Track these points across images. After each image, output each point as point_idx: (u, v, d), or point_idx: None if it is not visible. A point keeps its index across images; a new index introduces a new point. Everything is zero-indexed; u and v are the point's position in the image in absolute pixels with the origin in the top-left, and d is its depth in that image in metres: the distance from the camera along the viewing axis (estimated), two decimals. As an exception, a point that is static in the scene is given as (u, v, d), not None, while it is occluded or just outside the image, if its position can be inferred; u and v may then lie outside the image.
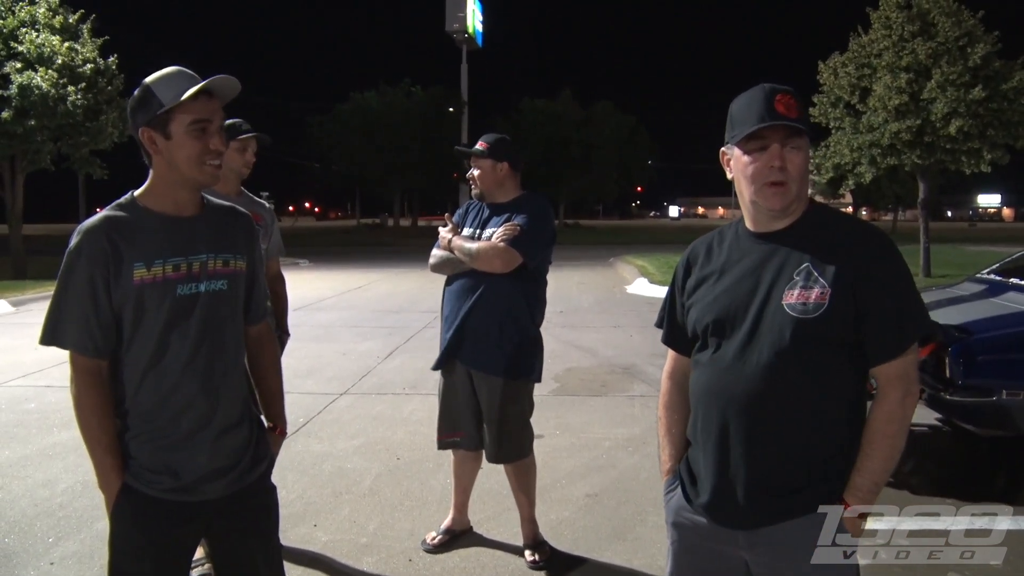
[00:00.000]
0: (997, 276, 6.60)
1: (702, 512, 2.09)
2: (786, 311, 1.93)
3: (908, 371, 1.94)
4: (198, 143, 2.11)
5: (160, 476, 2.14)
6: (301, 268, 24.90)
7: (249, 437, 2.32)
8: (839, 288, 1.90)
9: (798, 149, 1.95)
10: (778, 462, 1.97)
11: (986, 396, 4.82)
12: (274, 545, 2.44)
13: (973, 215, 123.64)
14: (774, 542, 1.98)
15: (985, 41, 18.84)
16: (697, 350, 2.16)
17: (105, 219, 2.11)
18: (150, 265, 2.09)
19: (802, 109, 1.96)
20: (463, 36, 51.87)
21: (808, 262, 1.95)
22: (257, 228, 4.03)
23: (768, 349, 1.95)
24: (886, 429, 1.93)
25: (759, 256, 2.04)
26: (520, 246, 3.77)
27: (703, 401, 2.09)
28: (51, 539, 4.30)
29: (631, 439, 6.16)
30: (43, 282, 17.95)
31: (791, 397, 1.94)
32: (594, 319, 12.86)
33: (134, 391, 2.13)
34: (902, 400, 1.93)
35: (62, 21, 19.92)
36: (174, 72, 2.13)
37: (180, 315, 2.13)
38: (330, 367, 9.09)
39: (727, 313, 2.04)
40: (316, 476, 5.35)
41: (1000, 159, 19.36)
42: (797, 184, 1.97)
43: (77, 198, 45.33)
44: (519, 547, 4.13)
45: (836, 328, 1.91)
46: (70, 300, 2.08)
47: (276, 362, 2.62)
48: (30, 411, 7.06)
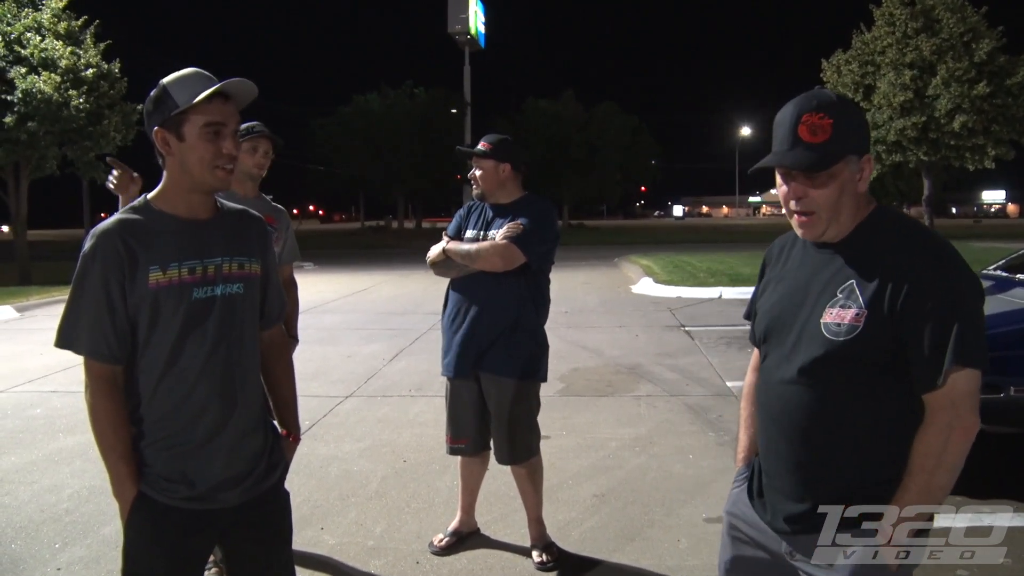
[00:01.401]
0: (1004, 272, 6.57)
1: (759, 509, 2.10)
2: (822, 330, 1.88)
3: (956, 402, 1.79)
4: (211, 146, 2.09)
5: (176, 485, 2.11)
6: (306, 271, 24.90)
7: (264, 444, 2.30)
8: (876, 310, 1.81)
9: (829, 180, 1.85)
10: (809, 476, 1.95)
11: (994, 393, 4.80)
12: (288, 553, 2.43)
13: (978, 211, 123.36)
14: (811, 551, 1.96)
15: (990, 37, 18.85)
16: (758, 349, 2.16)
17: (119, 222, 2.09)
18: (165, 268, 2.07)
19: (841, 125, 1.83)
20: (465, 37, 51.85)
21: (853, 279, 1.87)
22: (271, 231, 4.03)
23: (805, 367, 1.91)
24: (924, 462, 1.82)
25: (813, 267, 1.99)
26: (522, 244, 3.76)
27: (757, 407, 2.11)
28: (57, 544, 4.29)
29: (638, 439, 6.14)
30: (48, 288, 17.99)
31: (822, 415, 1.91)
32: (599, 319, 12.84)
33: (149, 397, 2.11)
34: (945, 432, 1.80)
35: (67, 27, 19.98)
36: (191, 73, 2.11)
37: (196, 319, 2.11)
38: (336, 370, 9.08)
39: (777, 323, 2.03)
40: (323, 479, 5.34)
41: (1005, 155, 19.37)
42: (828, 212, 1.88)
43: (81, 203, 45.39)
44: (526, 548, 4.12)
45: (870, 352, 1.83)
46: (85, 304, 2.06)
47: (289, 368, 2.60)
48: (36, 416, 7.06)
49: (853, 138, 1.87)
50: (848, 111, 1.88)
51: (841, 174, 1.86)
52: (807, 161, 1.83)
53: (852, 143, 1.86)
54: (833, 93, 1.91)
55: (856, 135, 1.88)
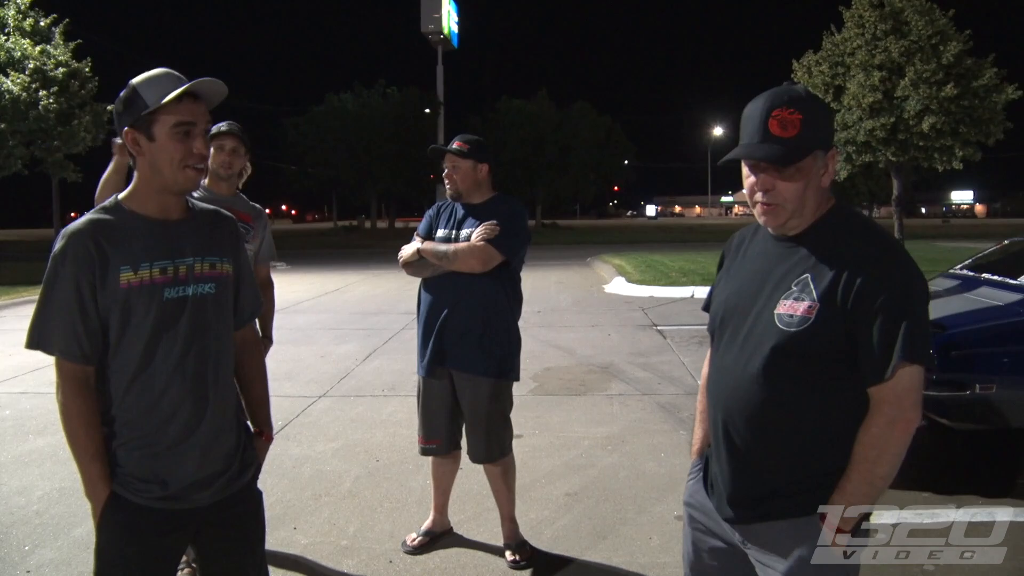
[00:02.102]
0: (970, 272, 6.66)
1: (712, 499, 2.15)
2: (775, 321, 1.92)
3: (900, 396, 1.84)
4: (181, 146, 2.09)
5: (149, 485, 2.11)
6: (279, 271, 24.72)
7: (237, 443, 2.30)
8: (828, 304, 1.86)
9: (797, 173, 1.90)
10: (759, 466, 1.99)
11: (960, 390, 4.88)
12: (260, 553, 2.43)
13: (946, 211, 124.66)
14: (760, 540, 2.01)
15: (957, 39, 19.09)
16: (711, 343, 2.19)
17: (90, 222, 2.08)
18: (136, 268, 2.07)
19: (809, 122, 1.87)
20: (438, 37, 51.85)
21: (809, 273, 1.92)
22: (244, 229, 4.02)
23: (754, 356, 1.95)
24: (866, 453, 1.87)
25: (771, 259, 2.03)
26: (499, 244, 3.78)
27: (708, 396, 2.15)
28: (27, 547, 4.25)
29: (610, 438, 6.17)
30: (16, 287, 17.76)
31: (773, 405, 1.94)
32: (572, 319, 12.88)
33: (121, 398, 2.10)
34: (888, 426, 1.85)
35: (32, 24, 19.74)
36: (161, 73, 2.11)
37: (168, 319, 2.10)
38: (308, 370, 9.05)
39: (733, 312, 2.07)
40: (295, 479, 5.33)
41: (972, 156, 19.62)
42: (793, 204, 1.92)
43: (50, 203, 44.85)
44: (499, 547, 4.14)
45: (821, 344, 1.87)
46: (56, 305, 2.05)
47: (262, 367, 2.60)
48: (5, 418, 6.97)
49: (821, 133, 1.91)
50: (816, 107, 1.91)
51: (808, 168, 1.90)
52: (777, 155, 1.87)
53: (820, 138, 1.91)
54: (803, 88, 1.94)
55: (824, 130, 1.93)
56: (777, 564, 1.97)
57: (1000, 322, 5.20)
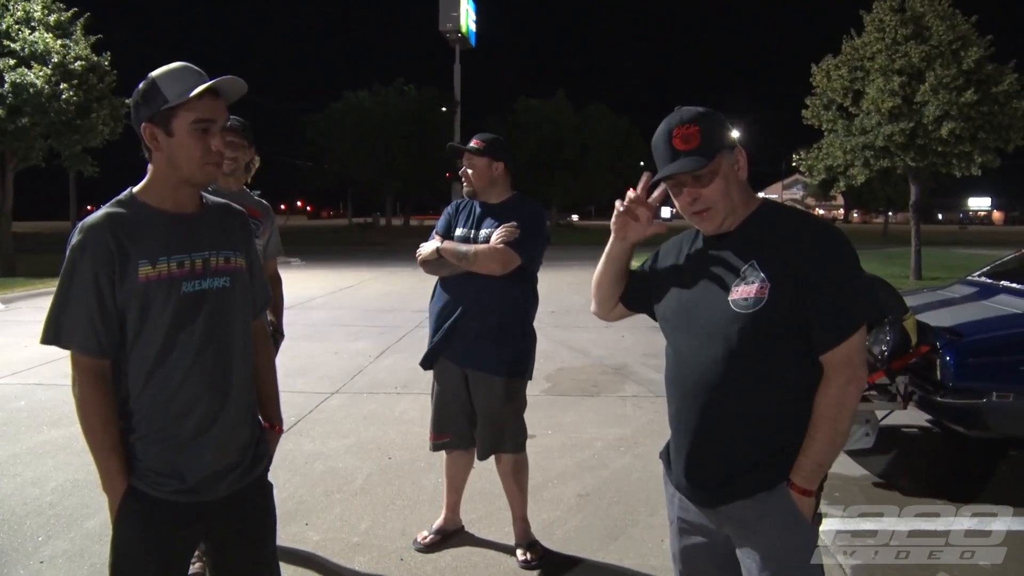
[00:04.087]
0: (988, 279, 6.62)
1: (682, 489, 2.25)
2: (731, 307, 2.04)
3: (852, 358, 1.99)
4: (201, 143, 2.09)
5: (166, 478, 2.11)
6: (293, 267, 24.83)
7: (252, 436, 2.31)
8: (779, 281, 1.99)
9: (710, 175, 2.06)
10: (726, 448, 2.09)
11: (977, 398, 4.84)
12: (271, 546, 2.43)
13: (964, 218, 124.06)
14: (733, 520, 2.12)
15: (978, 45, 18.93)
16: (666, 343, 2.28)
17: (108, 216, 2.07)
18: (155, 262, 2.06)
19: (708, 131, 2.04)
20: (456, 36, 51.89)
21: (754, 259, 2.05)
22: (254, 224, 4.04)
23: (718, 344, 2.05)
24: (828, 412, 1.99)
25: (712, 258, 2.16)
26: (519, 248, 3.78)
27: (668, 390, 2.24)
28: (41, 537, 4.28)
29: (623, 439, 6.16)
30: (33, 280, 17.90)
31: (738, 388, 2.04)
32: (586, 319, 12.84)
33: (139, 391, 2.10)
34: (845, 386, 1.99)
35: (57, 19, 19.88)
36: (180, 68, 2.11)
37: (186, 313, 2.10)
38: (322, 366, 9.07)
39: (684, 312, 2.19)
40: (308, 475, 5.34)
41: (991, 162, 19.46)
42: (722, 202, 2.09)
43: (67, 196, 45.19)
44: (511, 546, 4.14)
45: (778, 320, 1.99)
46: (74, 299, 2.04)
47: (271, 360, 2.59)
48: (20, 409, 7.02)
49: (720, 138, 2.07)
50: (709, 118, 2.08)
51: (721, 168, 2.07)
52: (689, 165, 2.03)
53: (720, 141, 2.07)
54: (692, 108, 2.12)
55: (721, 135, 2.09)
56: (746, 542, 2.10)
57: (1019, 330, 5.17)
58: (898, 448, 5.91)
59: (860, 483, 5.10)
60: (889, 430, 5.90)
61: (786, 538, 2.04)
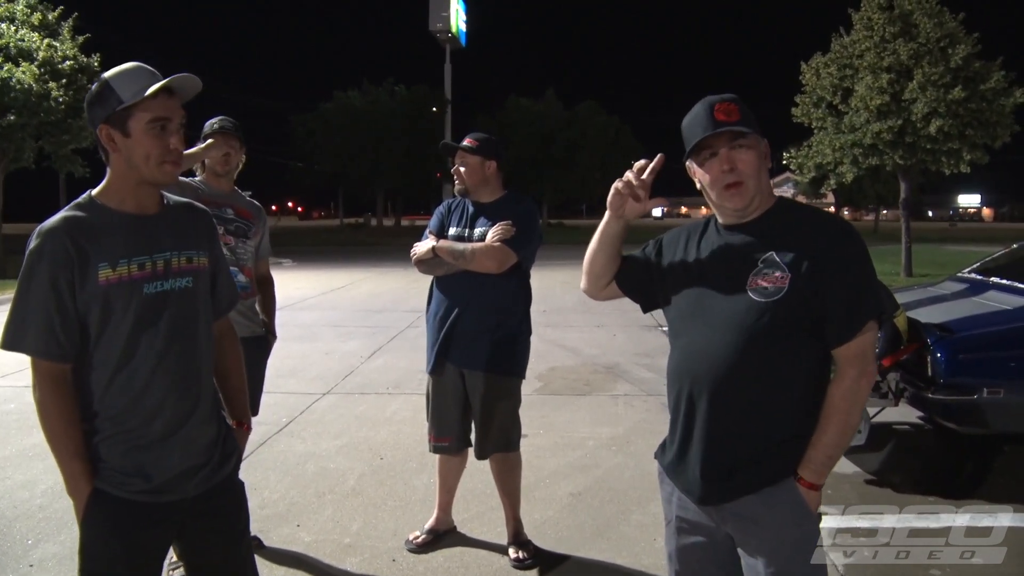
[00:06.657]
0: (978, 275, 6.64)
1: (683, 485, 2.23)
2: (750, 296, 2.05)
3: (865, 351, 2.03)
4: (157, 142, 2.09)
5: (132, 478, 2.10)
6: (284, 267, 24.78)
7: (218, 434, 2.30)
8: (798, 272, 2.01)
9: (747, 148, 2.07)
10: (736, 441, 2.09)
11: (967, 395, 4.85)
12: (246, 543, 2.43)
13: (953, 215, 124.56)
14: (737, 517, 2.11)
15: (966, 42, 19.00)
16: (672, 335, 2.29)
17: (65, 219, 2.06)
18: (115, 265, 2.05)
19: (746, 112, 2.08)
20: (446, 35, 51.97)
21: (772, 250, 2.06)
22: (244, 227, 4.04)
23: (734, 333, 2.05)
24: (841, 405, 2.02)
25: (729, 247, 2.16)
26: (515, 245, 3.79)
27: (674, 382, 2.24)
28: (30, 541, 4.25)
29: (615, 438, 6.16)
30: (23, 281, 17.78)
31: (753, 378, 2.05)
32: (577, 318, 12.86)
33: (102, 393, 2.09)
34: (857, 379, 2.02)
35: (40, 18, 19.77)
36: (133, 68, 2.11)
37: (149, 315, 2.10)
38: (313, 367, 9.04)
39: (699, 301, 2.17)
40: (299, 476, 5.32)
41: (979, 159, 19.54)
42: (754, 180, 2.09)
43: (58, 196, 44.99)
44: (503, 546, 4.13)
45: (796, 310, 2.00)
46: (32, 304, 2.02)
47: (238, 358, 2.57)
48: (9, 412, 6.99)
49: (754, 122, 2.10)
50: (745, 106, 2.10)
51: (757, 146, 2.09)
52: (737, 126, 2.05)
53: (756, 127, 2.09)
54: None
55: (756, 123, 2.11)
56: (752, 538, 2.09)
57: (1009, 326, 5.18)
58: (890, 445, 5.91)
59: (852, 480, 5.11)
60: (881, 427, 5.92)
61: (791, 533, 2.05)
